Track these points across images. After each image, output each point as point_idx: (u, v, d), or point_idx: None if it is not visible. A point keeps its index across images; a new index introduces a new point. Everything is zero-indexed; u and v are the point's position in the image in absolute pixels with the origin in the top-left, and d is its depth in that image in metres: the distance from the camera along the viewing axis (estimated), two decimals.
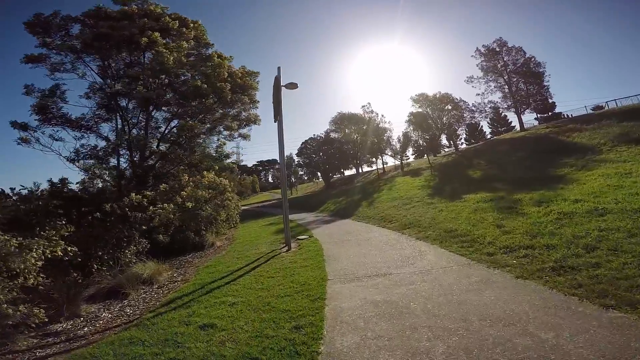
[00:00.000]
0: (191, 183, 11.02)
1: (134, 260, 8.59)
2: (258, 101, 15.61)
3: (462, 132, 48.31)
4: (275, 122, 10.24)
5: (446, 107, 41.82)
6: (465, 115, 42.62)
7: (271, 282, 6.04)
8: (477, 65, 40.86)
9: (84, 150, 12.24)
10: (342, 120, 48.66)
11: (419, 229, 9.59)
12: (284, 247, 9.50)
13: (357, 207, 17.78)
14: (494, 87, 40.33)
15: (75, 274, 7.24)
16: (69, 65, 12.20)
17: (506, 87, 39.19)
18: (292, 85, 10.21)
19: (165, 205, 9.00)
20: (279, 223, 16.72)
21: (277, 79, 10.07)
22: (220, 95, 12.70)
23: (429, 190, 16.79)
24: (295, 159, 56.64)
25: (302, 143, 54.14)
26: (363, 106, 44.97)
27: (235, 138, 15.99)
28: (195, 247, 12.07)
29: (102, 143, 12.65)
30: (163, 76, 12.58)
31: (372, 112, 44.28)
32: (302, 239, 10.44)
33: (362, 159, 51.32)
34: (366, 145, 47.45)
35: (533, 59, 38.00)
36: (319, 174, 52.09)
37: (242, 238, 13.23)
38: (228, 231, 15.97)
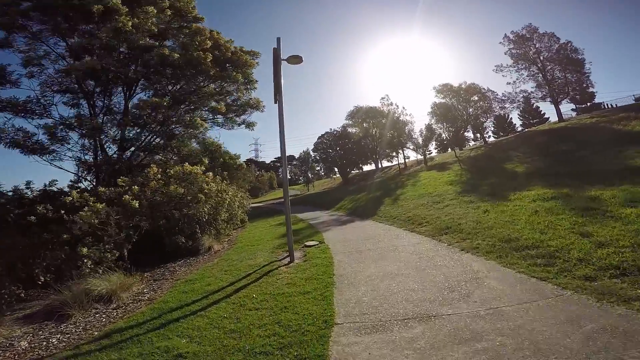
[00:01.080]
0: (159, 176, 9.14)
1: (100, 271, 6.97)
2: (256, 81, 13.56)
3: (489, 125, 44.92)
4: (275, 103, 8.21)
5: (472, 98, 38.79)
6: (493, 106, 39.29)
7: (251, 319, 4.09)
8: (506, 53, 37.39)
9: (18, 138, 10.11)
10: (359, 114, 46.26)
11: (461, 235, 7.36)
12: (286, 256, 7.53)
13: (379, 205, 15.57)
14: (526, 75, 36.74)
15: (14, 287, 5.71)
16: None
17: (540, 75, 35.55)
18: (295, 59, 8.13)
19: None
20: (292, 222, 14.87)
21: (276, 52, 7.99)
22: (198, 68, 10.70)
23: (462, 186, 14.34)
24: (312, 154, 54.70)
25: (319, 137, 52.14)
26: (382, 98, 42.32)
27: (237, 125, 14.08)
28: (190, 252, 10.38)
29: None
30: (123, 48, 10.62)
31: (391, 104, 41.60)
32: (310, 246, 8.45)
33: (382, 153, 48.77)
34: (385, 139, 45.00)
35: (570, 45, 34.09)
36: (336, 169, 49.89)
37: (244, 241, 11.42)
38: (233, 232, 14.22)
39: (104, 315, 5.36)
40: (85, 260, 6.67)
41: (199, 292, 5.66)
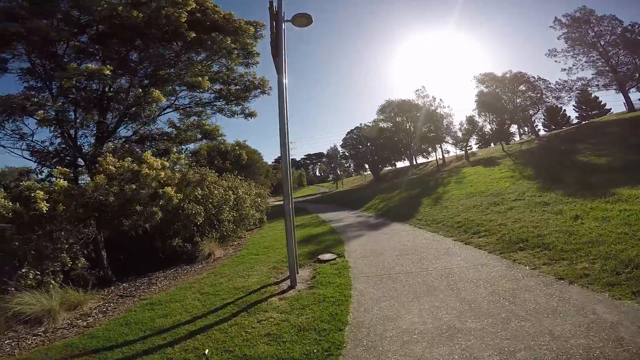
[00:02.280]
0: (112, 167, 7.23)
1: (54, 283, 5.44)
2: (257, 53, 11.36)
3: (538, 117, 39.85)
4: (277, 75, 6.06)
5: (519, 88, 34.45)
6: (544, 96, 34.49)
7: None
8: (559, 38, 32.40)
9: None
10: (392, 108, 43.15)
11: (548, 254, 4.90)
12: (287, 277, 5.45)
13: (416, 205, 13.06)
14: (585, 61, 31.62)
15: None
16: None
17: (601, 61, 30.36)
18: (303, 20, 5.90)
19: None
20: (310, 224, 12.78)
21: (273, 7, 5.74)
22: (170, 31, 8.67)
23: (526, 184, 11.42)
24: (340, 150, 52.32)
25: (347, 133, 49.57)
26: (417, 90, 38.88)
27: (236, 114, 12.07)
28: (188, 258, 8.76)
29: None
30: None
31: (426, 96, 38.10)
32: (324, 261, 6.33)
33: (416, 149, 45.34)
34: (420, 133, 41.61)
35: (637, 26, 28.58)
36: (367, 165, 47.13)
37: (253, 246, 9.58)
38: (247, 233, 12.47)
39: (13, 346, 4.00)
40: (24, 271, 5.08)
41: (144, 328, 3.86)
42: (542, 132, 45.16)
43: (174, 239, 8.63)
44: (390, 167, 48.53)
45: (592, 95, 41.57)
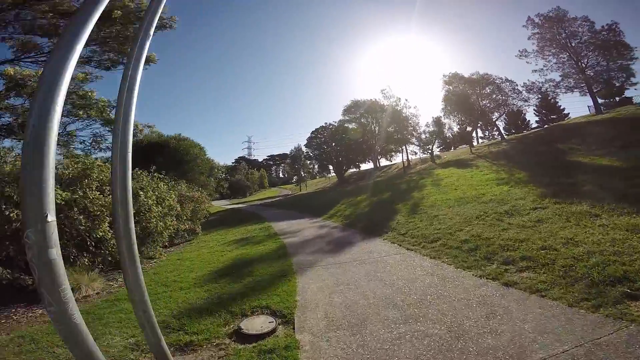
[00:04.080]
0: None
1: None
2: None
3: (499, 121, 40.17)
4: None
5: (483, 91, 34.08)
6: (512, 98, 34.27)
7: None
8: (530, 38, 32.35)
9: None
10: (357, 108, 41.24)
11: None
12: None
13: (392, 213, 10.36)
14: (555, 63, 31.76)
15: None
16: None
17: (568, 63, 30.61)
18: None
19: None
20: (253, 239, 9.52)
21: None
22: None
23: (526, 189, 9.15)
24: (304, 149, 49.32)
25: (312, 132, 46.77)
26: (383, 90, 37.13)
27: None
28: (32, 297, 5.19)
29: None
30: None
31: (392, 96, 36.48)
32: (248, 340, 3.09)
33: (380, 151, 43.79)
34: (385, 135, 40.13)
35: (614, 27, 29.03)
36: (331, 167, 44.61)
37: (147, 278, 6.10)
38: (163, 252, 8.90)
39: None
40: None
41: None
42: (500, 136, 45.87)
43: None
44: (354, 169, 46.48)
45: (551, 100, 42.60)
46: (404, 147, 36.01)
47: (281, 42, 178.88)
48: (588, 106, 29.96)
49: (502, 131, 41.14)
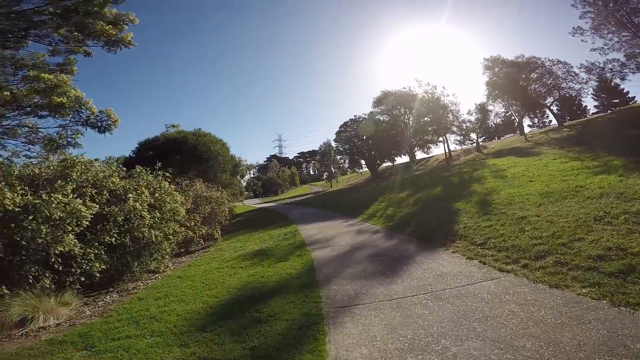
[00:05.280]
0: None
1: None
2: None
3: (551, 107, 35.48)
4: None
5: (531, 75, 30.12)
6: (561, 83, 29.82)
7: None
8: (581, 17, 27.59)
9: None
10: (388, 99, 38.63)
11: None
12: None
13: (450, 213, 8.09)
14: (617, 42, 26.80)
15: None
16: None
17: (632, 42, 25.58)
18: None
19: None
20: (273, 252, 7.65)
21: None
22: None
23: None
24: (333, 144, 47.18)
25: (341, 126, 44.42)
26: (416, 78, 34.13)
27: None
28: None
29: None
30: None
31: (427, 84, 33.30)
32: None
33: (415, 143, 40.73)
34: (421, 125, 37.24)
35: None
36: (363, 162, 42.07)
37: (125, 311, 4.37)
38: (170, 264, 7.33)
39: None
40: None
41: None
42: (553, 122, 40.83)
43: None
44: (388, 163, 43.63)
45: (611, 83, 37.05)
46: (445, 137, 32.72)
47: (308, 37, 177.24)
48: None
49: (552, 118, 36.35)
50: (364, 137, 40.77)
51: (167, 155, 14.68)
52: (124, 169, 7.69)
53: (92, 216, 5.44)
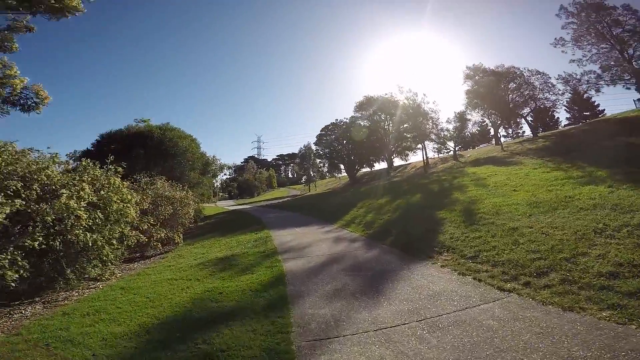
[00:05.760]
0: None
1: None
2: None
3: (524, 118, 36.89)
4: None
5: (510, 86, 31.08)
6: (544, 91, 30.92)
7: None
8: (564, 28, 28.72)
9: None
10: (370, 105, 38.68)
11: None
12: None
13: (433, 222, 7.58)
14: (595, 53, 28.05)
15: None
16: None
17: (609, 55, 26.88)
18: None
19: None
20: (239, 261, 6.75)
21: None
22: None
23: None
24: (314, 147, 46.54)
25: (322, 129, 43.92)
26: (398, 84, 34.34)
27: None
28: None
29: None
30: None
31: (409, 90, 33.56)
32: None
33: (393, 149, 40.83)
34: (401, 132, 37.49)
35: None
36: (342, 166, 41.66)
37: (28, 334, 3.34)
38: (115, 270, 6.27)
39: None
40: None
41: None
42: (527, 133, 42.38)
43: None
44: (366, 169, 43.52)
45: (584, 96, 38.83)
46: (423, 144, 32.90)
47: (291, 39, 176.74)
48: (634, 100, 26.29)
49: (525, 129, 37.73)
50: (344, 142, 40.46)
51: (131, 149, 13.38)
52: (71, 162, 6.59)
53: (10, 215, 4.38)
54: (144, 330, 3.35)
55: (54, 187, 5.34)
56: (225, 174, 79.46)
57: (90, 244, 4.97)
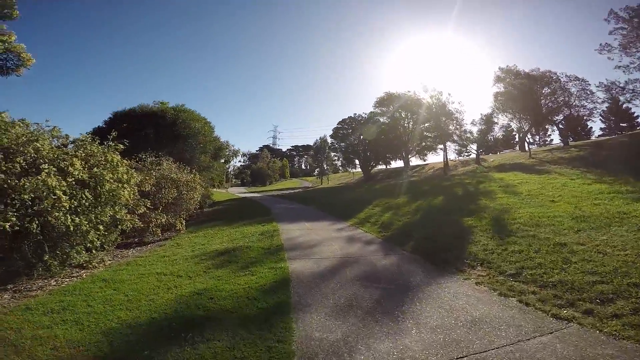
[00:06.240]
0: None
1: None
2: None
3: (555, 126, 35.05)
4: None
5: (543, 91, 29.41)
6: (576, 101, 29.20)
7: None
8: (611, 33, 26.63)
9: None
10: (391, 101, 37.42)
11: None
12: None
13: (460, 229, 6.78)
14: None
15: None
16: None
17: None
18: None
19: None
20: (244, 257, 6.07)
21: None
22: None
23: None
24: (329, 140, 45.65)
25: (339, 122, 42.87)
26: (424, 85, 32.80)
27: None
28: None
29: None
30: None
31: (434, 89, 32.07)
32: None
33: (411, 149, 39.48)
34: (422, 130, 36.23)
35: None
36: (357, 161, 40.65)
37: None
38: (106, 257, 5.72)
39: None
40: None
41: None
42: (556, 141, 40.31)
43: None
44: (382, 166, 42.40)
45: (623, 106, 36.50)
46: (444, 145, 31.53)
47: (312, 33, 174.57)
48: None
49: (553, 138, 35.86)
50: (361, 137, 39.41)
51: (143, 128, 12.93)
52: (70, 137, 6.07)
53: None
54: (107, 340, 2.72)
55: (41, 162, 4.78)
56: (240, 161, 79.64)
57: (72, 229, 4.39)
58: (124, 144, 6.57)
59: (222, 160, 19.30)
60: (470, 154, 38.91)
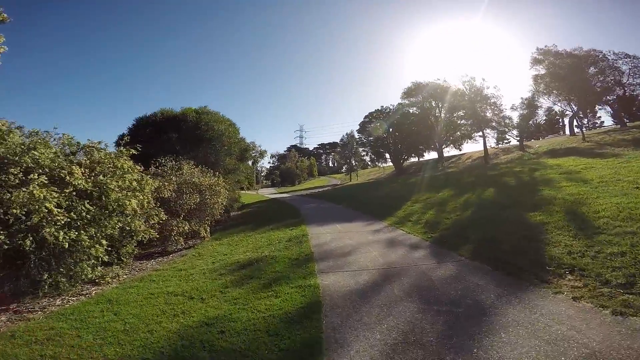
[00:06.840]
0: None
1: None
2: None
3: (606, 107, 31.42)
4: None
5: (589, 70, 26.44)
6: (629, 79, 26.22)
7: None
8: None
9: None
10: (419, 91, 35.63)
11: None
12: None
13: (527, 228, 5.56)
14: None
15: None
16: None
17: None
18: None
19: None
20: (267, 272, 5.23)
21: None
22: None
23: None
24: (356, 135, 44.40)
25: (366, 116, 41.52)
26: (455, 72, 30.81)
27: None
28: None
29: None
30: None
31: (465, 75, 29.92)
32: None
33: (448, 138, 37.28)
34: (456, 118, 34.24)
35: None
36: (388, 155, 39.04)
37: None
38: (121, 272, 5.18)
39: None
40: None
41: None
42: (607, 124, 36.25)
43: None
44: (414, 159, 40.45)
45: None
46: (483, 133, 29.22)
47: (335, 25, 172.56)
48: None
49: (617, 117, 32.31)
50: (390, 129, 37.79)
51: (165, 133, 12.67)
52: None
53: None
54: None
55: (39, 172, 4.28)
56: (269, 162, 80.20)
57: (67, 245, 3.81)
58: (137, 149, 6.05)
59: (250, 162, 18.88)
60: (509, 141, 36.04)
